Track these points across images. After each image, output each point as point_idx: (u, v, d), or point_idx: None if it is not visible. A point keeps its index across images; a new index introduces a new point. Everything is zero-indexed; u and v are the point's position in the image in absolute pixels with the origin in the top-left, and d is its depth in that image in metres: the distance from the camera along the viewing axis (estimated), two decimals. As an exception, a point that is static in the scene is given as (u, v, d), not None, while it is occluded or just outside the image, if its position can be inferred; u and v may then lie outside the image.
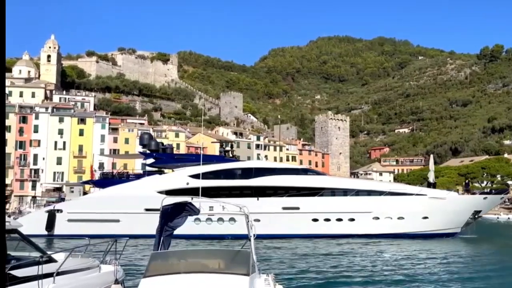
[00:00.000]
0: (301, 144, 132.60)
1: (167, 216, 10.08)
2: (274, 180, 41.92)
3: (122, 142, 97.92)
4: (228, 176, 42.08)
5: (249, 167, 44.07)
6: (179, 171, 43.13)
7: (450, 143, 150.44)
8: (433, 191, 43.19)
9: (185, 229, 32.81)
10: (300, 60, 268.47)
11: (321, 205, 40.85)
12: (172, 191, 39.72)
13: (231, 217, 38.06)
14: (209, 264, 8.94)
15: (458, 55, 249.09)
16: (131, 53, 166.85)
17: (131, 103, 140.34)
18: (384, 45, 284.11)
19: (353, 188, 41.89)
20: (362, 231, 39.79)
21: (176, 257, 9.33)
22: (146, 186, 41.09)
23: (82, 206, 41.90)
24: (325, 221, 40.55)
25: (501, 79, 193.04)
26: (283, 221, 39.98)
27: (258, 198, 40.83)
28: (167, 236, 10.10)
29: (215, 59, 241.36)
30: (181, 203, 10.21)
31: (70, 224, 39.96)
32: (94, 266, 10.62)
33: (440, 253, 30.45)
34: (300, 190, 41.33)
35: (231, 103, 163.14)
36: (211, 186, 40.90)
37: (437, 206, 40.72)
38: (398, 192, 41.80)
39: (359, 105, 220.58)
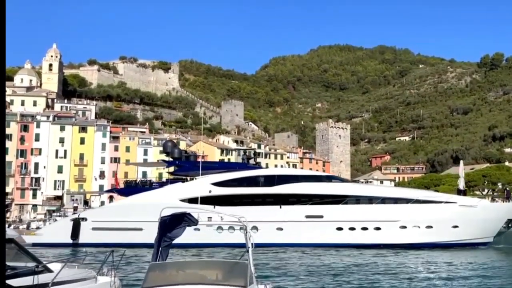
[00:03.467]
0: (302, 152, 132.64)
1: (166, 227, 10.05)
2: (297, 187, 41.07)
3: (123, 150, 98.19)
4: (251, 184, 41.40)
5: (272, 174, 43.43)
6: (202, 179, 42.65)
7: (451, 151, 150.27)
8: (464, 198, 41.63)
9: (209, 238, 31.71)
10: (301, 69, 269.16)
11: (345, 213, 39.57)
12: (195, 199, 39.27)
13: (254, 226, 37.66)
14: (207, 275, 8.93)
15: (458, 63, 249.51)
16: (133, 62, 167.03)
17: (132, 112, 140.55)
18: (385, 54, 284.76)
19: (379, 196, 40.63)
20: (389, 240, 38.49)
21: (175, 268, 9.29)
22: (169, 194, 40.60)
23: (106, 215, 41.71)
24: (349, 230, 39.31)
25: (501, 87, 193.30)
26: (306, 230, 39.01)
27: (281, 206, 40.07)
28: (166, 247, 10.09)
29: (216, 68, 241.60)
30: (179, 214, 10.19)
31: (95, 232, 39.79)
32: (91, 277, 10.44)
33: (472, 264, 29.17)
34: (324, 198, 40.26)
35: (232, 112, 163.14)
36: (233, 194, 40.39)
37: (468, 214, 39.06)
38: (426, 200, 40.35)
39: (360, 113, 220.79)
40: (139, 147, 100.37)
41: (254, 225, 37.93)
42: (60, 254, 32.25)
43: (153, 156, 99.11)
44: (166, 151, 47.90)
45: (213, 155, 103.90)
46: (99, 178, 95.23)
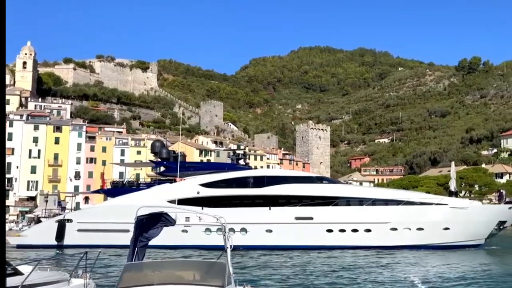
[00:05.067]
0: (282, 154, 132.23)
1: (142, 227, 9.84)
2: (287, 188, 40.41)
3: (99, 150, 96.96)
4: (240, 185, 40.71)
5: (262, 175, 42.69)
6: (190, 179, 42.08)
7: (429, 153, 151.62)
8: (455, 200, 41.20)
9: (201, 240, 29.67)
10: (281, 70, 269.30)
11: (335, 215, 38.98)
12: (183, 200, 38.71)
13: (243, 228, 37.21)
14: (184, 276, 8.74)
15: (437, 66, 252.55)
16: (110, 61, 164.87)
17: (109, 111, 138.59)
18: (365, 56, 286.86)
19: (369, 197, 39.97)
20: (379, 242, 37.92)
21: (150, 268, 9.05)
22: (156, 195, 39.79)
23: (92, 216, 40.74)
24: (340, 231, 38.70)
25: (478, 90, 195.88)
26: (296, 231, 38.40)
27: (270, 207, 39.40)
28: (142, 247, 9.86)
29: (195, 68, 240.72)
30: (156, 213, 10.03)
31: (80, 234, 38.98)
32: (64, 279, 10.16)
33: (463, 266, 28.89)
34: (314, 199, 39.60)
35: (211, 112, 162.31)
36: (222, 195, 39.69)
37: (459, 216, 38.69)
38: (417, 202, 39.84)
39: (340, 115, 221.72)
40: (116, 148, 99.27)
41: (243, 227, 37.67)
42: (44, 256, 31.10)
43: (130, 156, 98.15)
44: (154, 151, 47.16)
45: (191, 156, 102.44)
46: (74, 179, 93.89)
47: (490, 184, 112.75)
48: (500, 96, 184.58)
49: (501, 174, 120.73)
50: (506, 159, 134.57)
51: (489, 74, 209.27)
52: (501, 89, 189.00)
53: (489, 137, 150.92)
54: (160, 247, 32.25)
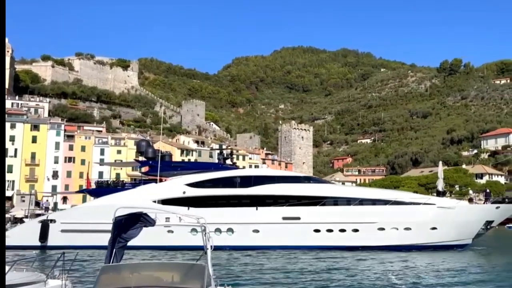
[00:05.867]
0: (264, 154, 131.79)
1: (121, 228, 9.74)
2: (274, 188, 39.83)
3: (78, 149, 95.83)
4: (226, 185, 39.97)
5: (249, 175, 42.05)
6: (175, 179, 41.40)
7: (410, 153, 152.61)
8: (442, 200, 40.90)
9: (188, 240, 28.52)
10: (264, 70, 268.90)
11: (323, 215, 38.45)
12: (168, 200, 38.25)
13: (229, 228, 37.13)
14: (162, 278, 8.63)
15: (419, 68, 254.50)
16: (90, 59, 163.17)
17: (89, 110, 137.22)
18: (348, 57, 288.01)
19: (357, 197, 39.51)
20: (367, 242, 37.48)
21: (128, 270, 8.92)
22: (141, 195, 39.07)
23: (76, 216, 39.83)
24: (327, 232, 38.20)
25: (459, 92, 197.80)
26: (283, 232, 37.93)
27: (257, 207, 38.80)
28: (120, 248, 9.74)
29: (177, 67, 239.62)
30: (135, 214, 9.88)
31: (64, 234, 38.15)
32: (40, 280, 10.07)
33: (449, 266, 28.66)
34: (301, 199, 39.01)
35: (193, 111, 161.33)
36: (208, 195, 39.14)
37: (446, 216, 38.40)
38: (404, 201, 39.52)
39: (323, 115, 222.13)
40: (96, 147, 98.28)
41: (229, 227, 37.34)
42: (25, 256, 29.84)
43: (110, 156, 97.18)
44: (139, 150, 46.28)
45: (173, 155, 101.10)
46: (52, 178, 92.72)
47: (470, 185, 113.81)
48: (481, 98, 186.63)
49: (481, 174, 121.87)
50: (486, 160, 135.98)
51: (470, 75, 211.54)
52: (481, 91, 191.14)
53: (469, 138, 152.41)
54: (145, 248, 32.11)
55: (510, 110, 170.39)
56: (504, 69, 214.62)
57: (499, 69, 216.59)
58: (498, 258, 35.34)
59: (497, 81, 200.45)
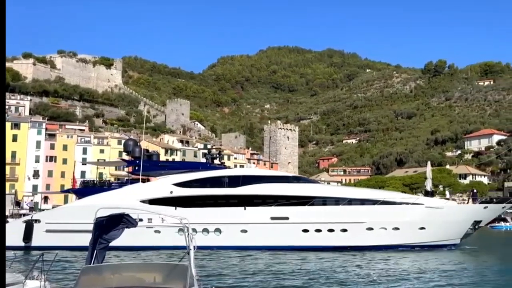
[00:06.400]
0: (250, 153, 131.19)
1: (102, 228, 9.67)
2: (262, 188, 39.47)
3: (60, 148, 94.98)
4: (214, 185, 39.60)
5: (237, 175, 41.76)
6: (163, 179, 40.98)
7: (395, 154, 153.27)
8: (431, 200, 40.85)
9: (175, 240, 28.08)
10: (250, 69, 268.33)
11: (311, 214, 38.16)
12: (155, 200, 37.88)
13: (217, 228, 36.90)
14: (144, 278, 8.57)
15: (404, 69, 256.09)
16: (72, 56, 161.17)
17: (71, 109, 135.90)
18: (333, 57, 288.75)
19: (345, 197, 39.35)
20: (355, 242, 37.36)
21: (109, 271, 8.82)
22: (128, 195, 38.51)
23: (61, 216, 39.18)
24: (316, 232, 37.95)
25: (443, 93, 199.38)
26: (271, 232, 37.59)
27: (246, 207, 38.46)
28: (101, 249, 9.66)
29: (161, 65, 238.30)
30: (117, 215, 9.81)
31: (48, 235, 37.49)
32: (18, 281, 9.99)
33: (437, 266, 28.67)
34: (290, 199, 38.71)
35: (177, 111, 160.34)
36: (196, 195, 38.81)
37: (435, 216, 38.40)
38: (393, 201, 39.50)
39: (308, 115, 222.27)
40: (78, 146, 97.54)
41: (217, 227, 37.15)
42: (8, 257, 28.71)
43: (93, 155, 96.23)
44: (126, 150, 45.67)
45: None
46: (33, 178, 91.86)
47: (454, 185, 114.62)
48: (465, 99, 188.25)
49: (465, 175, 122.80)
50: (469, 160, 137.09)
51: (454, 77, 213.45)
52: (465, 92, 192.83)
53: (453, 139, 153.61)
54: (132, 249, 32.16)
55: (493, 112, 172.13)
56: (488, 70, 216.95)
57: (483, 70, 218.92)
58: (486, 257, 35.50)
59: (480, 82, 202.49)
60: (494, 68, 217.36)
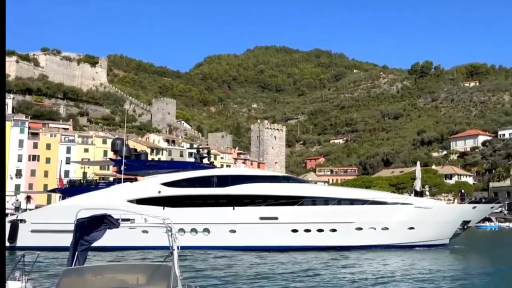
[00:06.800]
0: (236, 153, 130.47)
1: (83, 230, 9.54)
2: (251, 188, 39.06)
3: (43, 147, 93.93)
4: (203, 184, 39.11)
5: (226, 174, 41.40)
6: (151, 178, 40.60)
7: (382, 154, 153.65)
8: (420, 200, 40.78)
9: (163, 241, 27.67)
10: (237, 68, 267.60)
11: (301, 214, 37.84)
12: (143, 199, 37.40)
13: (206, 228, 36.68)
14: (127, 280, 8.52)
15: (390, 69, 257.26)
16: (56, 54, 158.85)
17: (55, 107, 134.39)
18: (321, 57, 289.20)
19: (335, 197, 39.07)
20: (344, 242, 37.10)
21: (91, 273, 8.72)
22: (115, 195, 38.00)
23: (46, 216, 38.47)
24: (305, 232, 37.64)
25: (430, 94, 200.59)
26: (260, 232, 37.25)
27: (234, 207, 38.08)
28: (83, 251, 9.53)
29: (147, 64, 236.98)
30: (99, 216, 9.69)
31: (34, 235, 36.83)
32: None
33: (426, 265, 28.57)
34: (279, 198, 38.37)
35: (163, 110, 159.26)
36: (184, 195, 38.30)
37: (424, 215, 38.35)
38: (382, 201, 39.27)
39: (296, 115, 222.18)
40: (62, 145, 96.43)
41: (205, 227, 36.85)
42: None
43: (77, 154, 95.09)
44: (114, 149, 45.11)
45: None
46: (16, 177, 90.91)
47: (439, 185, 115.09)
48: (450, 100, 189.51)
49: (450, 175, 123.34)
50: (455, 160, 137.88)
51: (440, 78, 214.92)
52: (451, 93, 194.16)
53: (439, 139, 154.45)
54: (119, 249, 32.25)
55: (478, 112, 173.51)
56: (473, 72, 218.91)
57: (469, 72, 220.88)
58: (475, 257, 35.78)
59: (466, 83, 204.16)
60: (480, 69, 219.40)
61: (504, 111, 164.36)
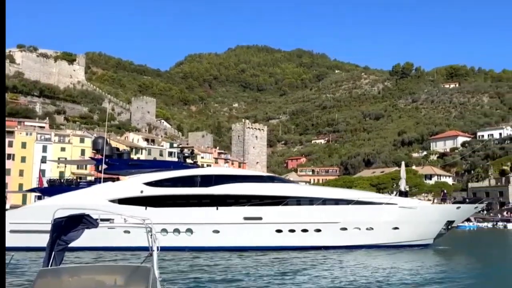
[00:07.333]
0: (217, 153, 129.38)
1: (61, 229, 9.27)
2: (235, 188, 38.66)
3: (18, 146, 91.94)
4: (186, 184, 38.59)
5: (210, 174, 40.79)
6: (133, 178, 40.02)
7: (363, 154, 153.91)
8: (404, 200, 40.80)
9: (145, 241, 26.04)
10: (218, 67, 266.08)
11: (285, 215, 37.59)
12: (125, 199, 37.08)
13: (189, 228, 36.29)
14: (105, 281, 8.35)
15: (372, 70, 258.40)
16: (32, 51, 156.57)
17: (30, 105, 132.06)
18: (303, 57, 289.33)
19: (319, 197, 38.88)
20: (329, 242, 37.00)
21: (68, 274, 8.50)
22: (97, 195, 37.46)
23: (26, 216, 37.70)
24: (289, 232, 37.39)
25: (410, 95, 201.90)
26: (244, 232, 36.87)
27: (218, 207, 37.61)
28: (60, 251, 9.24)
29: (127, 62, 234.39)
30: (77, 215, 9.43)
31: (13, 235, 35.27)
32: None
33: (410, 265, 28.58)
34: (263, 198, 38.05)
35: (143, 108, 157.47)
36: (167, 195, 37.76)
37: (408, 216, 38.40)
38: (367, 201, 39.22)
39: (277, 115, 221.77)
40: (38, 143, 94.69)
41: (188, 227, 36.51)
42: None
43: (54, 153, 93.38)
44: (96, 148, 44.55)
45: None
46: None
47: (419, 185, 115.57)
48: (431, 101, 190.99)
49: (430, 175, 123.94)
50: (435, 161, 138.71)
51: (420, 79, 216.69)
52: (431, 94, 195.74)
53: (419, 140, 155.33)
54: (99, 249, 32.14)
55: (458, 114, 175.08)
56: (453, 73, 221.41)
57: (448, 73, 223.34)
58: (459, 257, 35.88)
59: (446, 85, 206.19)
60: (460, 71, 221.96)
61: (483, 112, 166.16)
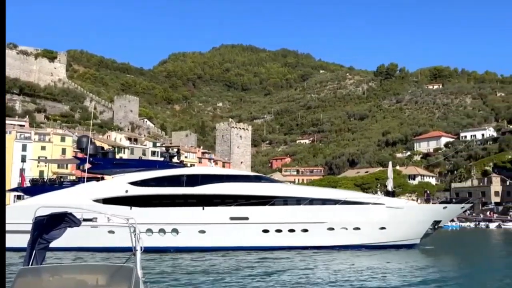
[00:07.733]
0: (201, 152, 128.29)
1: (42, 228, 9.04)
2: (222, 188, 38.27)
3: None
4: (172, 183, 38.08)
5: (196, 173, 40.32)
6: (118, 177, 39.39)
7: (347, 154, 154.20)
8: (391, 200, 40.85)
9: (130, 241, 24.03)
10: (202, 66, 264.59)
11: (272, 215, 37.34)
12: (110, 199, 36.61)
13: (174, 228, 35.79)
14: (86, 281, 8.18)
15: (356, 71, 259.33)
16: (12, 48, 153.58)
17: (10, 103, 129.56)
18: (287, 57, 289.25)
19: (306, 197, 38.66)
20: (316, 242, 36.79)
21: (48, 273, 8.32)
22: (81, 194, 36.71)
23: (8, 216, 35.37)
24: (276, 232, 37.17)
25: (395, 95, 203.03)
26: (230, 232, 36.53)
27: (204, 207, 37.22)
28: (41, 250, 8.99)
29: (109, 60, 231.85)
30: (59, 213, 9.22)
31: None
32: None
33: (397, 266, 28.89)
34: (250, 198, 37.70)
35: (126, 107, 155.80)
36: (152, 195, 37.33)
37: (395, 216, 38.39)
38: (354, 201, 39.16)
39: (262, 115, 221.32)
40: (17, 142, 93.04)
41: (174, 227, 36.11)
42: None
43: (34, 152, 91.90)
44: (80, 147, 43.75)
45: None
46: None
47: (403, 185, 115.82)
48: (414, 102, 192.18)
49: (414, 176, 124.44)
50: (418, 161, 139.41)
51: (404, 80, 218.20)
52: (415, 95, 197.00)
53: (403, 140, 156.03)
54: (83, 249, 32.08)
55: (441, 114, 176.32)
56: (437, 74, 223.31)
57: (432, 74, 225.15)
58: (445, 257, 36.15)
59: (430, 86, 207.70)
60: (443, 72, 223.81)
61: (466, 113, 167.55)
